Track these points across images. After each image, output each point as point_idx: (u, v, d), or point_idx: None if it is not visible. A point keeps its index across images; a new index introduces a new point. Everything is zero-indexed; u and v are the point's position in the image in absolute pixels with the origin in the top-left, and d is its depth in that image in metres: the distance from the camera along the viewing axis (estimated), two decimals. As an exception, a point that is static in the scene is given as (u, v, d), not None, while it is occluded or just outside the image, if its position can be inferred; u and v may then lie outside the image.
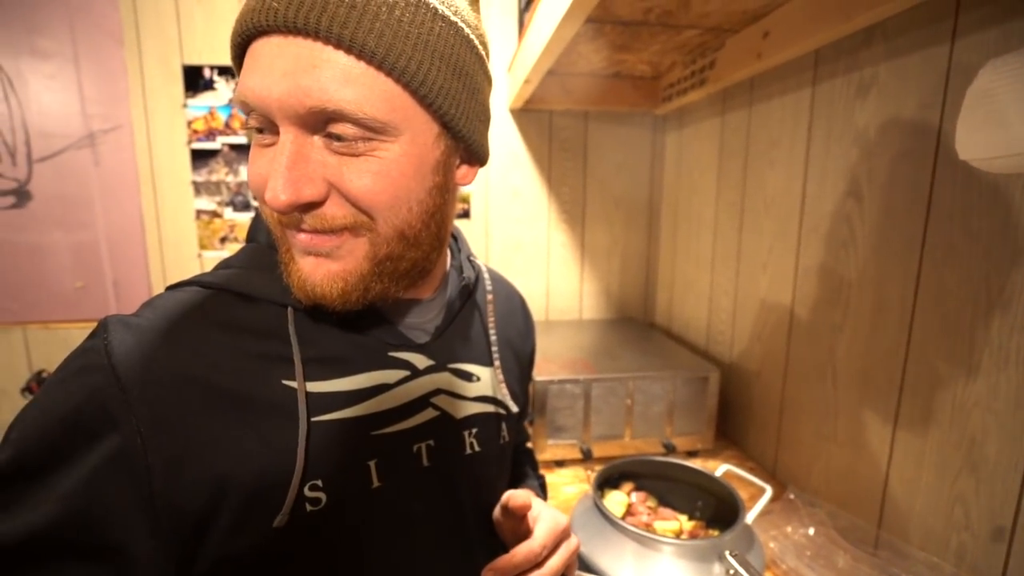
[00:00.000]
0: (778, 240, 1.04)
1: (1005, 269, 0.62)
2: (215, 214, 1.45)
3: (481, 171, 1.50)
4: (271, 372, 0.42)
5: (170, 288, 0.44)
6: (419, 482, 0.48)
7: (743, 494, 0.79)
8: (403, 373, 0.48)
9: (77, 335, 0.40)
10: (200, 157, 1.42)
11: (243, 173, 1.44)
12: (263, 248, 0.48)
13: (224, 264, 0.48)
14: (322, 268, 0.41)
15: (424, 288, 0.51)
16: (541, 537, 0.51)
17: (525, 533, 0.52)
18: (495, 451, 0.57)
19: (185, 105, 1.39)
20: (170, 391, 0.37)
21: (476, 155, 0.48)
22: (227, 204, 1.45)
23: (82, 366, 0.37)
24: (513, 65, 1.36)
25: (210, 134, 1.41)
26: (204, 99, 1.39)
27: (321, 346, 0.44)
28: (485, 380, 0.56)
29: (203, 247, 1.46)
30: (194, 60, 1.37)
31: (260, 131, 0.40)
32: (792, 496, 0.87)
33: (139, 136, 1.38)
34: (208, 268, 0.51)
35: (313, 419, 0.42)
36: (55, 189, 1.35)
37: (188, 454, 0.37)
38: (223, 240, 1.47)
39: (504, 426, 0.58)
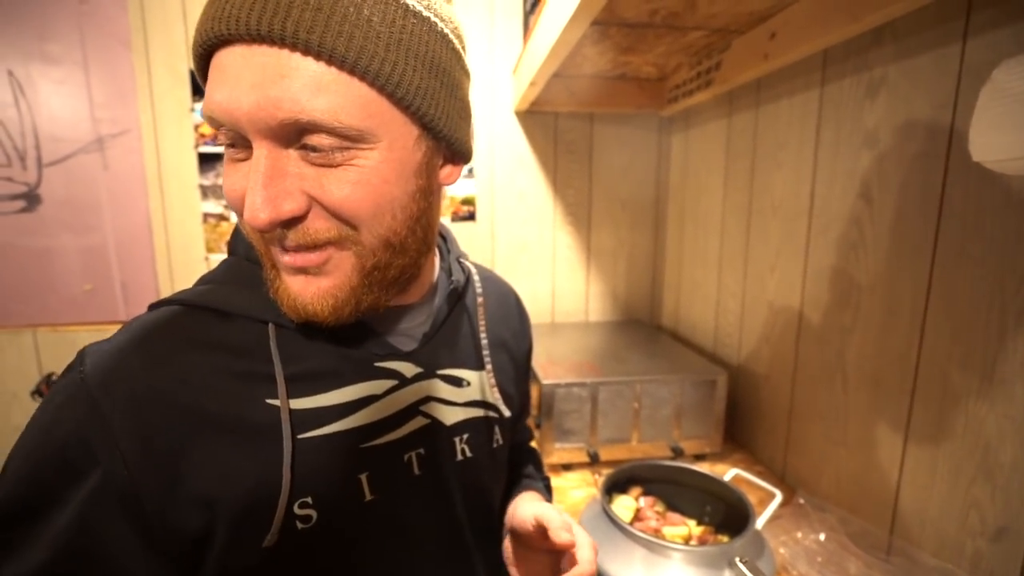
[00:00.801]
0: (786, 242, 1.03)
1: (1019, 273, 0.61)
2: (222, 217, 1.46)
3: (486, 173, 1.52)
4: (253, 391, 0.41)
5: (151, 307, 0.44)
6: (411, 492, 0.48)
7: (752, 499, 0.78)
8: (391, 383, 0.47)
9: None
10: (207, 161, 1.42)
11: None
12: (242, 261, 0.47)
13: (204, 280, 0.47)
14: (312, 286, 0.40)
15: (410, 293, 0.50)
16: (587, 564, 0.51)
17: (558, 552, 0.52)
18: (487, 456, 0.56)
19: (192, 109, 1.40)
20: (152, 415, 0.37)
21: (459, 153, 0.46)
22: (234, 207, 1.46)
23: (63, 401, 0.37)
24: (518, 68, 1.36)
25: (217, 137, 1.42)
26: (211, 103, 1.40)
27: (304, 361, 0.43)
28: (475, 384, 0.55)
29: (210, 250, 1.47)
30: (201, 64, 1.38)
31: (232, 146, 0.38)
32: (802, 501, 0.87)
33: (147, 140, 1.39)
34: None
35: (300, 436, 0.41)
36: (64, 193, 1.36)
37: (176, 475, 0.37)
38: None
39: (497, 429, 0.58)
